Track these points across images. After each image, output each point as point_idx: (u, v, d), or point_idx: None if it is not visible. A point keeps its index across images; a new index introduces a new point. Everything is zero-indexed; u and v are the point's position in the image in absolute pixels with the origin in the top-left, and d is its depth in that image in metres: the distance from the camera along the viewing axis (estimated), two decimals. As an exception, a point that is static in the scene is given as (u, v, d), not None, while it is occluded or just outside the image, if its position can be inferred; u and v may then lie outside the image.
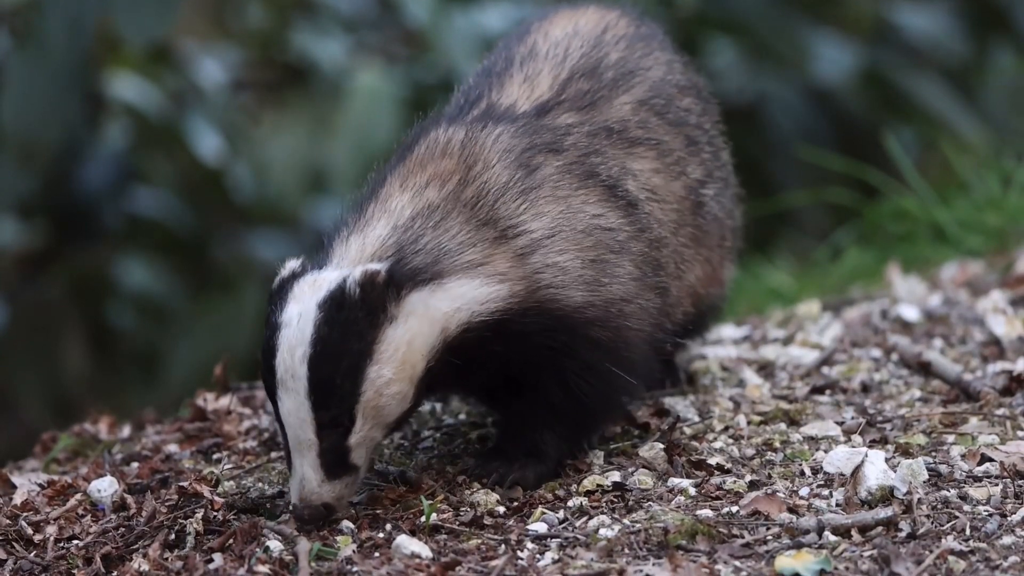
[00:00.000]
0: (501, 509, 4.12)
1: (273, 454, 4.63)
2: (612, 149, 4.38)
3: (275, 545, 3.95)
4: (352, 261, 4.06)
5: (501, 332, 4.10)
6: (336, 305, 3.95)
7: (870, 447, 4.36)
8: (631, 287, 4.25)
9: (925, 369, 4.97)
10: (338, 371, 3.94)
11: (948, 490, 4.13)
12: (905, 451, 4.37)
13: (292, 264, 4.09)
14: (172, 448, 4.79)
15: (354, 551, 3.92)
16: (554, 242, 4.17)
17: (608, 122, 4.43)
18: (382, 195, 4.20)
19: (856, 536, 3.91)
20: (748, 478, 4.24)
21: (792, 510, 4.05)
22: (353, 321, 3.95)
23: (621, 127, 4.43)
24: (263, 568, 3.86)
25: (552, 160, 4.26)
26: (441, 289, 4.05)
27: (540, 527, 4.03)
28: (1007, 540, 3.88)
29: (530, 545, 3.96)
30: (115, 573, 4.00)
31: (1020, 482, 4.15)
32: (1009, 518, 3.98)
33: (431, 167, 4.21)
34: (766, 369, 5.14)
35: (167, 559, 3.96)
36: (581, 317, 4.17)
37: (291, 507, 4.04)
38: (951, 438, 4.44)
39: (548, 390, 4.21)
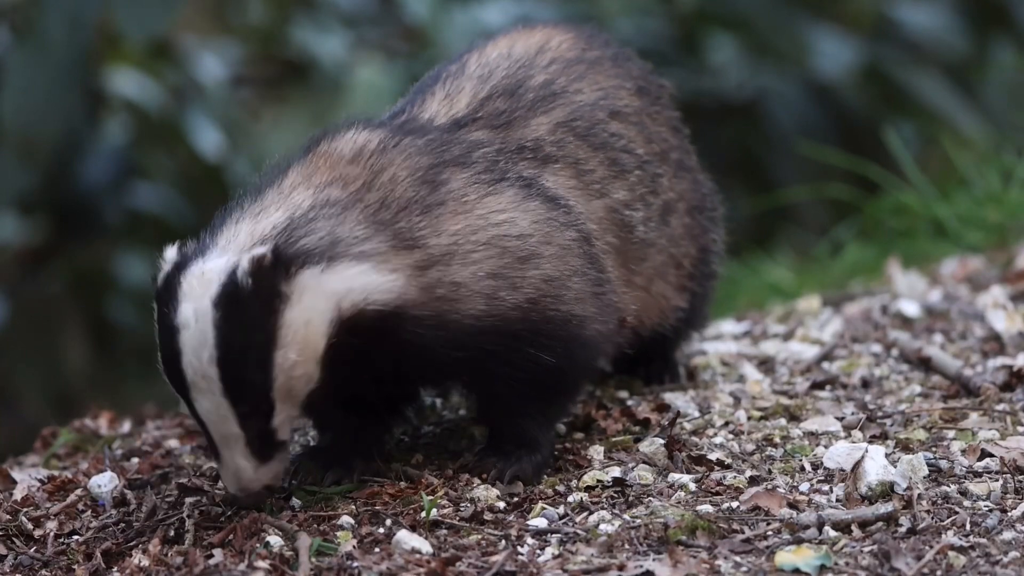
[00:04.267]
0: (501, 505, 4.12)
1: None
2: (523, 163, 4.35)
3: (275, 540, 3.95)
4: (240, 247, 3.99)
5: (396, 339, 4.08)
6: (232, 300, 3.91)
7: (870, 442, 4.36)
8: (544, 289, 4.22)
9: (925, 364, 4.97)
10: (248, 365, 3.93)
11: (948, 486, 4.13)
12: (905, 446, 4.37)
13: (171, 254, 4.02)
14: (172, 443, 4.79)
15: (354, 546, 3.92)
16: (452, 259, 4.13)
17: (521, 141, 4.39)
18: (284, 185, 4.16)
19: (856, 531, 3.91)
20: (748, 473, 4.24)
21: (792, 505, 4.05)
22: (252, 313, 3.92)
23: (535, 145, 4.39)
24: (263, 563, 3.86)
25: (458, 174, 4.23)
26: (331, 270, 4.01)
27: (540, 522, 4.03)
28: (1007, 535, 3.88)
29: (530, 540, 3.96)
30: (115, 568, 4.00)
31: (1020, 478, 4.15)
32: (1009, 514, 3.98)
33: (338, 168, 4.18)
34: (766, 364, 5.14)
35: (167, 554, 3.96)
36: (478, 329, 4.14)
37: (228, 496, 4.06)
38: (951, 434, 4.44)
39: (499, 387, 4.22)
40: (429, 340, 4.11)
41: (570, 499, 4.14)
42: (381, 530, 4.01)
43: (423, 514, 4.03)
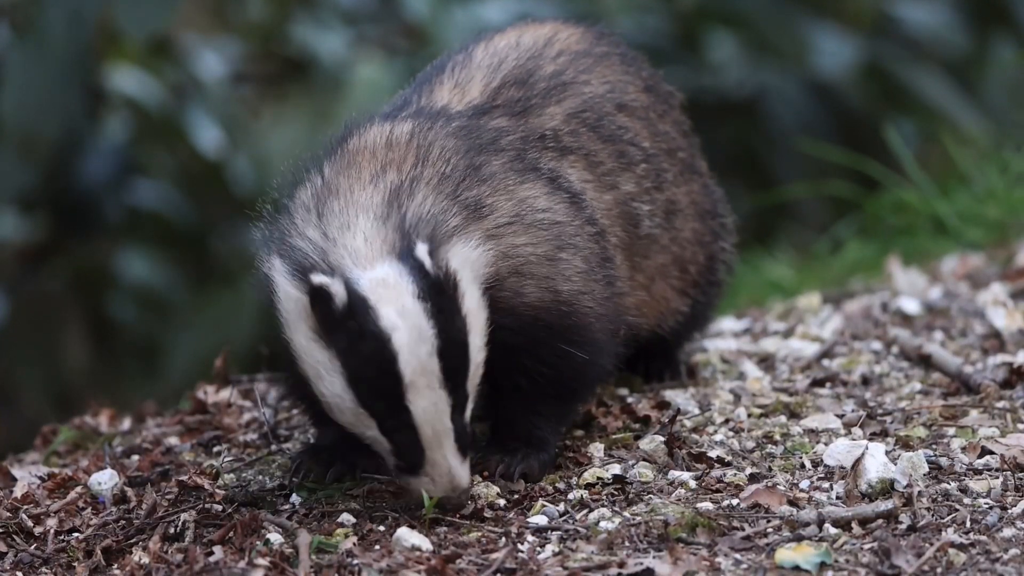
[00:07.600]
0: (502, 502, 4.12)
1: (273, 447, 4.63)
2: (546, 153, 4.38)
3: (275, 538, 3.96)
4: (369, 255, 3.96)
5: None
6: (437, 291, 3.92)
7: (870, 440, 4.36)
8: (579, 282, 4.24)
9: (926, 362, 4.97)
10: (459, 351, 3.95)
11: (948, 483, 4.13)
12: (905, 444, 4.37)
13: (323, 279, 3.92)
14: (172, 441, 4.79)
15: (355, 543, 3.92)
16: (515, 230, 4.16)
17: (540, 130, 4.42)
18: (339, 189, 4.10)
19: (856, 529, 3.91)
20: (748, 471, 4.24)
21: (792, 503, 4.05)
22: (452, 300, 3.95)
23: (553, 136, 4.43)
24: (263, 561, 3.86)
25: (494, 158, 4.25)
26: (454, 251, 4.02)
27: (540, 520, 4.03)
28: (1007, 533, 3.88)
29: (530, 538, 3.96)
30: (115, 566, 4.00)
31: (1020, 475, 4.15)
32: (1009, 511, 3.99)
33: (382, 156, 4.17)
34: (766, 362, 5.14)
35: (167, 552, 3.97)
36: (532, 313, 4.17)
37: (440, 501, 4.00)
38: (951, 431, 4.45)
39: (521, 380, 4.22)
40: (497, 323, 4.10)
41: (570, 496, 4.14)
42: (381, 527, 4.01)
43: (423, 511, 4.03)
